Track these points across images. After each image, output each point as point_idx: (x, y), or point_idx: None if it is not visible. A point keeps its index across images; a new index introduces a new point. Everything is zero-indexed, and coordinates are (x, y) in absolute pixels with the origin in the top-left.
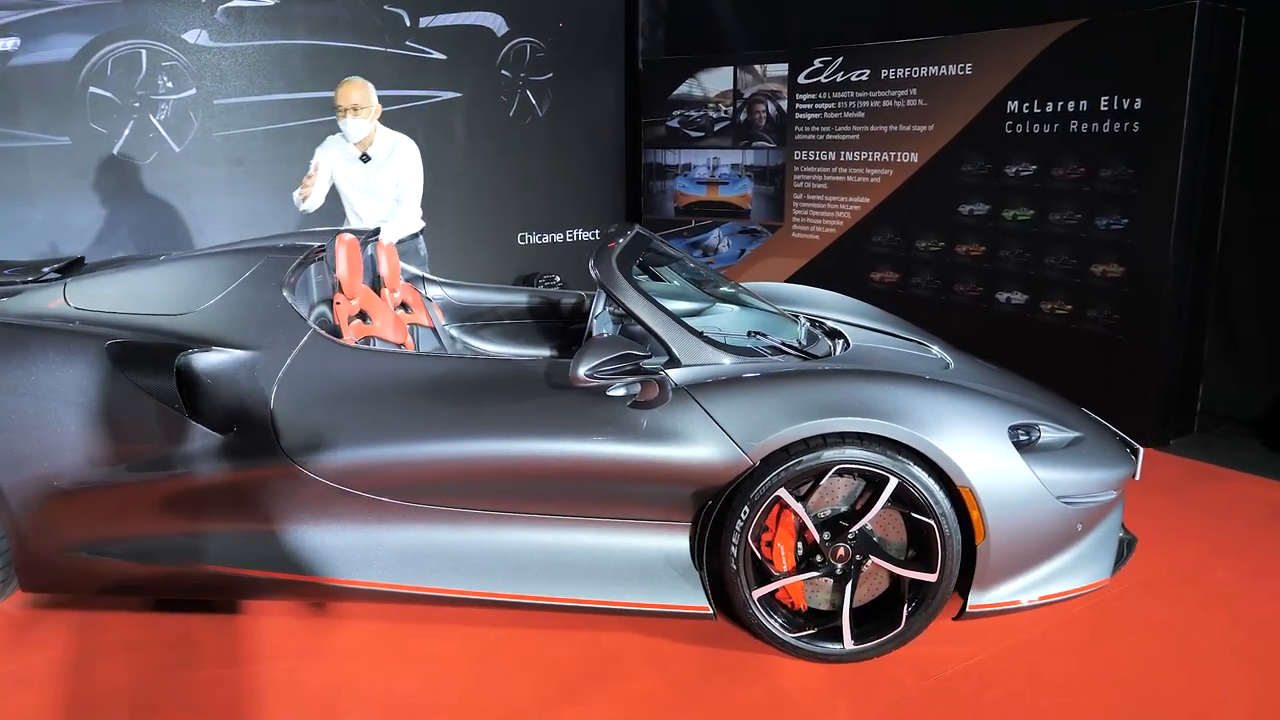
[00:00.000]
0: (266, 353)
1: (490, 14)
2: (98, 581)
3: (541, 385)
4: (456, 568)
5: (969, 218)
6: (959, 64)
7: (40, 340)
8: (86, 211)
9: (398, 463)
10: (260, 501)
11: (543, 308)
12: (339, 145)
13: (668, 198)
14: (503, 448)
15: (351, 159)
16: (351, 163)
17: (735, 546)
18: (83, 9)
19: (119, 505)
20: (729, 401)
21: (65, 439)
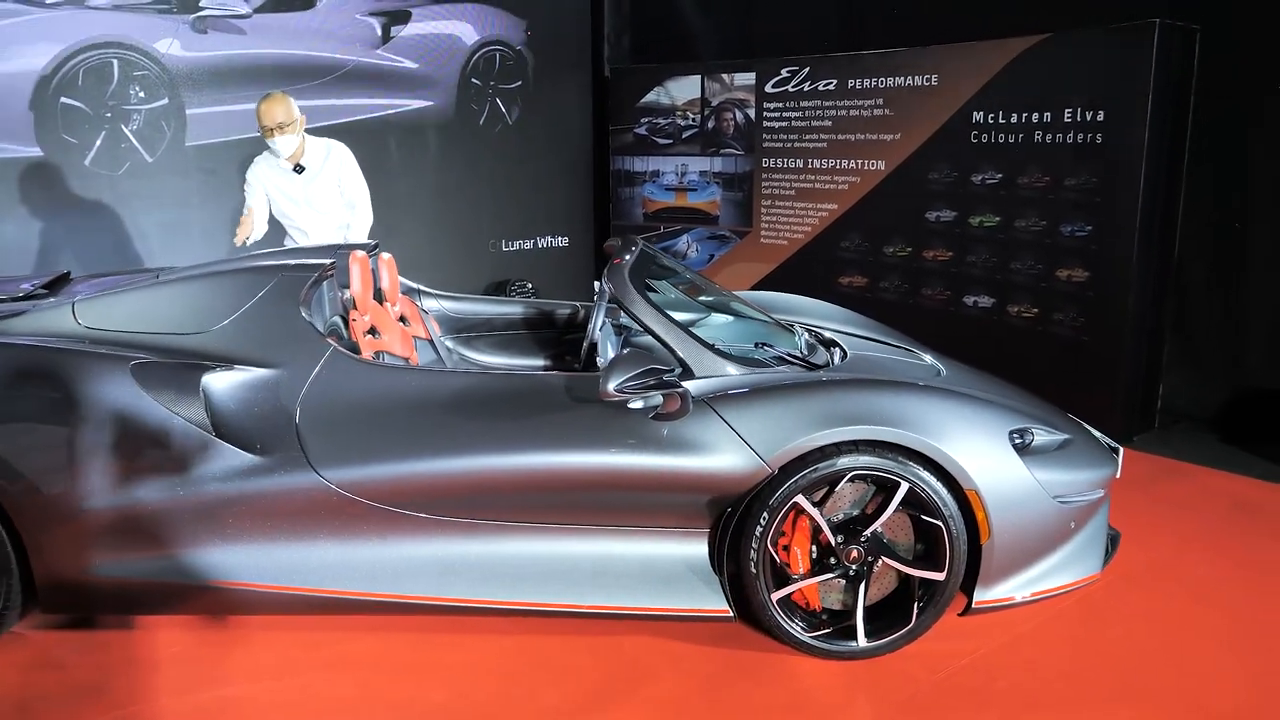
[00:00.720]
0: (288, 371)
1: (460, 22)
2: (120, 601)
3: (564, 399)
4: (482, 579)
5: (936, 224)
6: (925, 75)
7: (64, 361)
8: (59, 224)
9: (425, 477)
10: (287, 517)
11: (537, 319)
12: (269, 162)
13: (636, 204)
14: (528, 460)
15: (285, 172)
16: (285, 177)
17: (755, 551)
18: (53, 18)
19: (144, 524)
20: (748, 412)
21: (90, 460)
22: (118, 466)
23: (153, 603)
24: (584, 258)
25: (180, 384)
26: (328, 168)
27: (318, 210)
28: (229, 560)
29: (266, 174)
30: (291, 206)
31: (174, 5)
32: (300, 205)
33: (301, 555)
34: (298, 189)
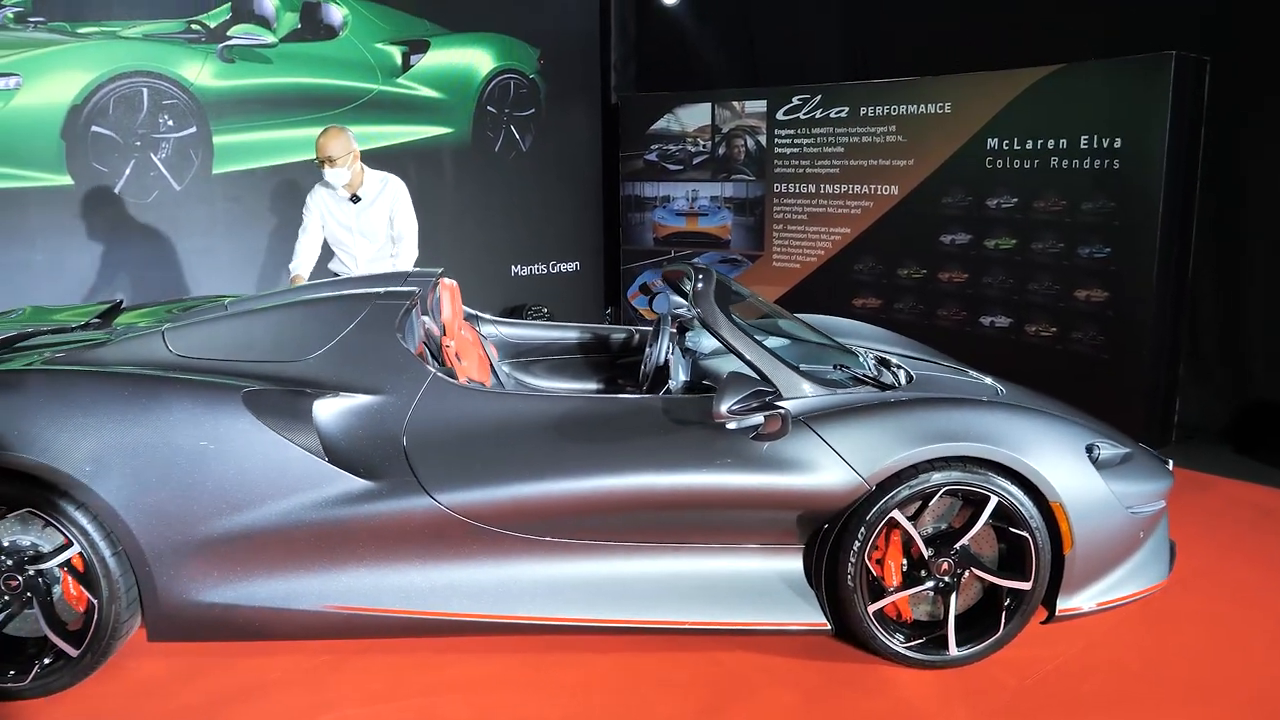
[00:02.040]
0: (392, 397)
1: (476, 51)
2: (229, 629)
3: (664, 421)
4: (587, 598)
5: (951, 247)
6: (938, 103)
7: (174, 390)
8: (88, 252)
9: (534, 499)
10: (399, 540)
11: (593, 343)
12: (327, 189)
13: (646, 229)
14: (632, 481)
15: (340, 201)
16: (341, 204)
17: (853, 566)
18: (85, 47)
19: (255, 551)
20: (845, 431)
21: (202, 487)
22: (230, 494)
23: (260, 630)
24: (594, 282)
25: (293, 411)
26: (382, 200)
27: (369, 239)
28: (339, 585)
29: (325, 199)
30: (344, 233)
31: (203, 35)
32: (353, 233)
33: (412, 578)
34: (351, 217)
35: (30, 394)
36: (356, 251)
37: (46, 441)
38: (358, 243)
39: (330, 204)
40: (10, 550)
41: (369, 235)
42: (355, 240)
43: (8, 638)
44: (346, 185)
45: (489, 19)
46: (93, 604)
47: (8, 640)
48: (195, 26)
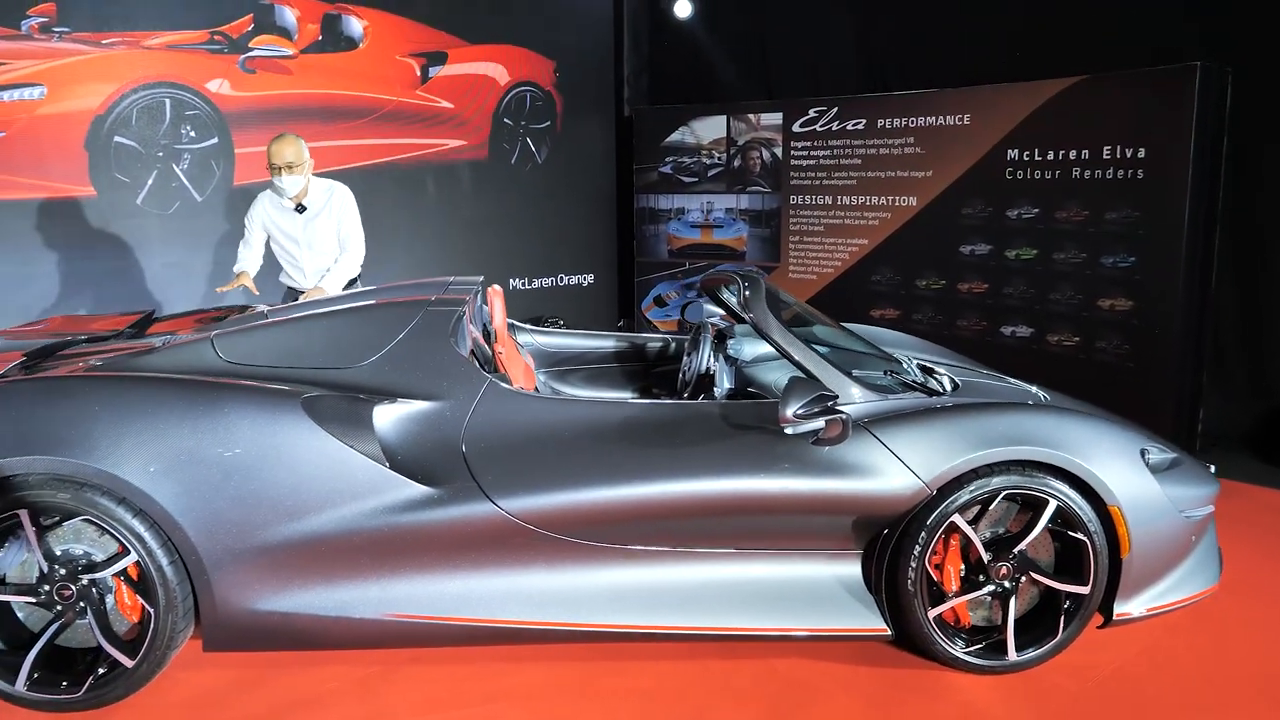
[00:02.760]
0: (448, 403)
1: (493, 63)
2: (287, 639)
3: (723, 426)
4: (648, 604)
5: (971, 257)
6: (957, 115)
7: (235, 396)
8: (110, 263)
9: (595, 504)
10: (459, 547)
11: (629, 352)
12: (271, 200)
13: (660, 241)
14: (694, 487)
15: (286, 211)
16: (287, 215)
17: (913, 570)
18: (108, 57)
19: (315, 559)
20: (905, 435)
21: (262, 495)
22: (290, 501)
23: (317, 639)
24: (608, 294)
25: (353, 417)
26: (328, 209)
27: (315, 249)
28: (398, 593)
29: (268, 211)
30: (291, 245)
31: (225, 46)
32: (299, 244)
33: (471, 586)
34: (298, 228)
35: (87, 401)
36: (304, 264)
37: (105, 449)
38: (304, 255)
39: (275, 215)
40: (63, 559)
41: (316, 246)
42: (302, 252)
43: (58, 649)
44: (294, 195)
45: (506, 32)
46: (148, 613)
47: (58, 651)
48: (218, 37)
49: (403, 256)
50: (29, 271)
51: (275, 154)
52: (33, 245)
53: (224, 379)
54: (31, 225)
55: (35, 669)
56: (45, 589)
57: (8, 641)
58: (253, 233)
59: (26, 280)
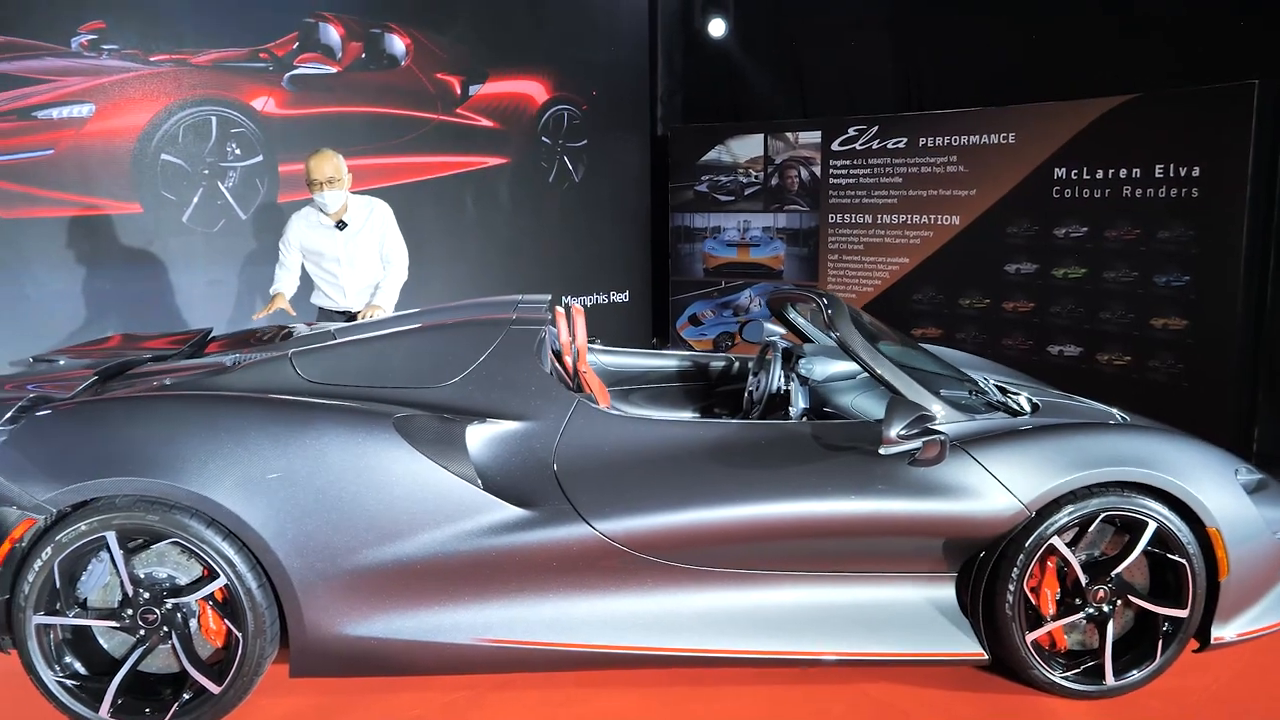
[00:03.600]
0: (538, 423)
1: (532, 82)
2: (376, 665)
3: (816, 447)
4: (740, 629)
5: (1016, 276)
6: (1002, 133)
7: (327, 416)
8: (156, 281)
9: (690, 526)
10: (552, 570)
11: (692, 371)
12: (307, 219)
13: (696, 259)
14: (790, 509)
15: (325, 229)
16: (325, 234)
17: (1011, 594)
18: (157, 74)
19: (407, 582)
20: (1002, 456)
21: (354, 517)
22: (382, 523)
23: (407, 664)
24: (643, 313)
25: (446, 438)
26: (369, 225)
27: (357, 268)
28: (490, 617)
29: (305, 231)
30: (331, 263)
31: (270, 64)
32: (340, 262)
33: (564, 609)
34: (339, 246)
35: (177, 420)
36: (346, 283)
37: (196, 469)
38: (346, 273)
39: (313, 235)
40: (147, 583)
41: (358, 264)
42: (344, 270)
43: (139, 674)
44: (334, 213)
45: (544, 51)
46: (235, 638)
47: (139, 677)
48: (263, 55)
49: (442, 274)
50: (75, 288)
51: (315, 169)
52: (79, 262)
53: (307, 398)
54: (78, 242)
55: (119, 695)
56: (128, 613)
57: (88, 667)
58: (289, 255)
59: (72, 297)
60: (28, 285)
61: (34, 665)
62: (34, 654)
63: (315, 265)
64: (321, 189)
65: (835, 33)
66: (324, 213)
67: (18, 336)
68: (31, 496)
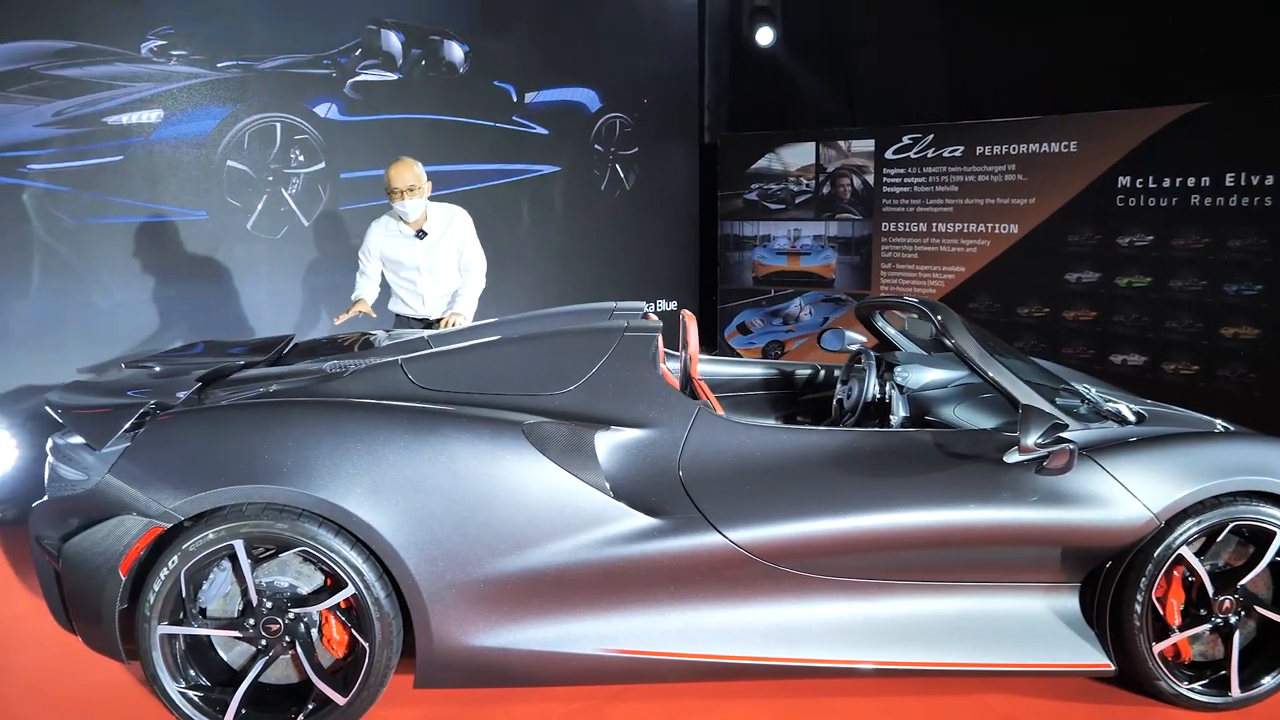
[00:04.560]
0: (661, 431)
1: (585, 89)
2: (502, 676)
3: (939, 455)
4: (867, 638)
5: (1077, 285)
6: (1063, 142)
7: (456, 424)
8: (220, 287)
9: (820, 536)
10: (683, 579)
11: (778, 379)
12: (387, 227)
13: (745, 268)
14: (917, 518)
15: (405, 238)
16: (405, 243)
17: (1139, 604)
18: (224, 80)
19: (537, 592)
20: (1131, 465)
21: (484, 526)
22: (512, 531)
23: (532, 675)
24: None
25: (576, 445)
26: (449, 233)
27: (436, 276)
28: (618, 627)
29: (384, 240)
30: (412, 273)
31: (333, 71)
32: (422, 272)
33: (692, 619)
34: (419, 254)
35: (301, 427)
36: (425, 290)
37: (325, 477)
38: (425, 281)
39: (392, 244)
40: (270, 592)
41: (437, 273)
42: (423, 279)
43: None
44: (414, 221)
45: (597, 59)
46: (361, 648)
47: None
48: (326, 62)
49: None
50: (141, 296)
51: (395, 178)
52: (146, 269)
53: (433, 405)
54: (145, 249)
55: (242, 706)
56: (250, 623)
57: (208, 678)
58: (369, 263)
59: (139, 304)
60: (95, 293)
61: (158, 676)
62: (158, 665)
63: (394, 273)
64: (402, 197)
65: (885, 40)
66: (404, 221)
67: (87, 344)
68: (158, 504)
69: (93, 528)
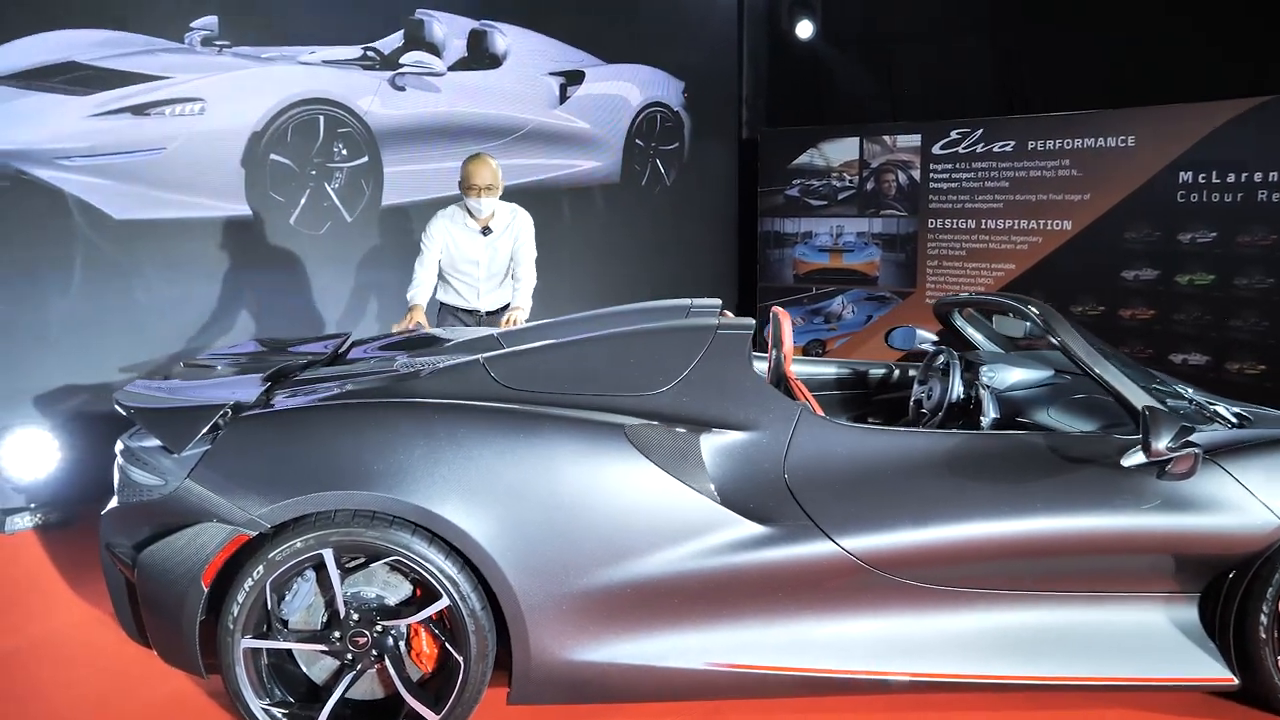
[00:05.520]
0: (762, 433)
1: (627, 83)
2: (601, 691)
3: (1054, 459)
4: (986, 651)
5: (1135, 283)
6: (1120, 136)
7: (557, 427)
8: (264, 285)
9: (938, 543)
10: (790, 589)
11: (851, 379)
12: (454, 219)
13: (786, 265)
14: (1039, 525)
15: (470, 232)
16: (469, 236)
17: (1265, 615)
18: (268, 72)
19: (637, 604)
20: (1257, 468)
21: (587, 534)
22: (617, 539)
23: (633, 690)
24: None
25: (681, 449)
26: (510, 231)
27: (491, 271)
28: (725, 639)
29: (449, 231)
30: (470, 266)
31: (377, 62)
32: (479, 265)
33: (801, 631)
34: (480, 249)
35: (390, 430)
36: (481, 285)
37: (417, 482)
38: (482, 276)
39: (457, 236)
40: (357, 604)
41: (493, 269)
42: (480, 273)
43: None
44: (484, 218)
45: (638, 50)
46: (455, 662)
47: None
48: (370, 53)
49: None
50: (186, 292)
51: (474, 174)
52: (190, 265)
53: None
54: (189, 244)
55: None
56: (336, 636)
57: (289, 693)
58: (430, 252)
59: (183, 301)
60: (138, 290)
61: (241, 693)
62: (241, 681)
63: (451, 265)
64: (479, 194)
65: (929, 32)
66: (474, 216)
67: (130, 342)
68: (243, 511)
69: (171, 536)
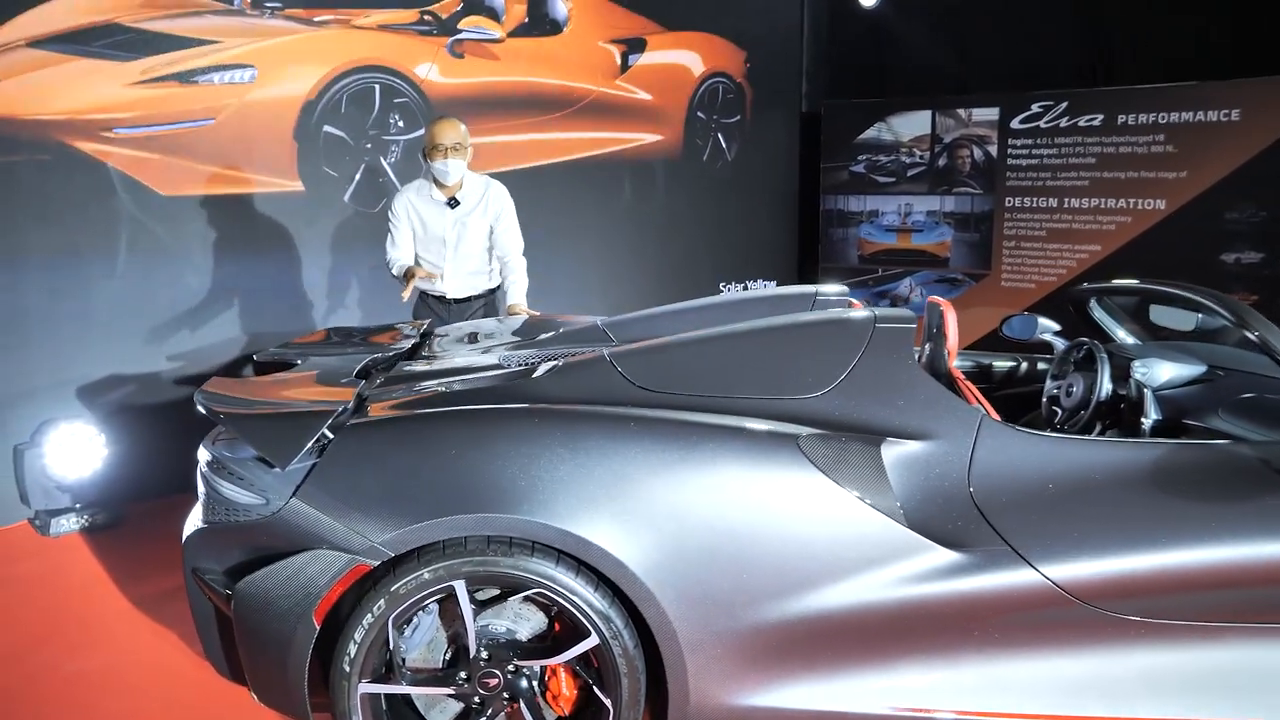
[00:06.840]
0: (941, 443)
1: (689, 52)
2: None
3: (1268, 472)
4: (1202, 694)
5: (1236, 266)
6: (1223, 110)
7: (716, 438)
8: (317, 266)
9: (1151, 571)
10: (982, 624)
11: (973, 372)
12: (419, 192)
13: (850, 245)
14: (1267, 550)
15: (435, 205)
16: (435, 210)
17: None
18: (321, 37)
19: (813, 641)
20: None
21: (757, 562)
22: (792, 568)
23: None
24: None
25: (861, 464)
26: (483, 205)
27: (461, 252)
28: (909, 680)
29: (414, 205)
30: (435, 243)
31: (434, 27)
32: (447, 245)
33: (991, 671)
34: (447, 225)
35: (533, 443)
36: (449, 266)
37: (563, 504)
38: (450, 256)
39: (422, 210)
40: (487, 640)
41: (463, 249)
42: (448, 253)
43: None
44: (450, 186)
45: (700, 18)
46: (604, 707)
47: None
48: (427, 18)
49: (593, 257)
50: (237, 272)
51: (439, 133)
52: (240, 245)
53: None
54: (239, 223)
55: None
56: (463, 677)
57: None
58: (399, 230)
59: (233, 282)
60: (187, 271)
61: None
62: None
63: (421, 246)
64: (445, 155)
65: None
66: (440, 184)
67: (179, 327)
68: (362, 537)
69: (275, 564)
